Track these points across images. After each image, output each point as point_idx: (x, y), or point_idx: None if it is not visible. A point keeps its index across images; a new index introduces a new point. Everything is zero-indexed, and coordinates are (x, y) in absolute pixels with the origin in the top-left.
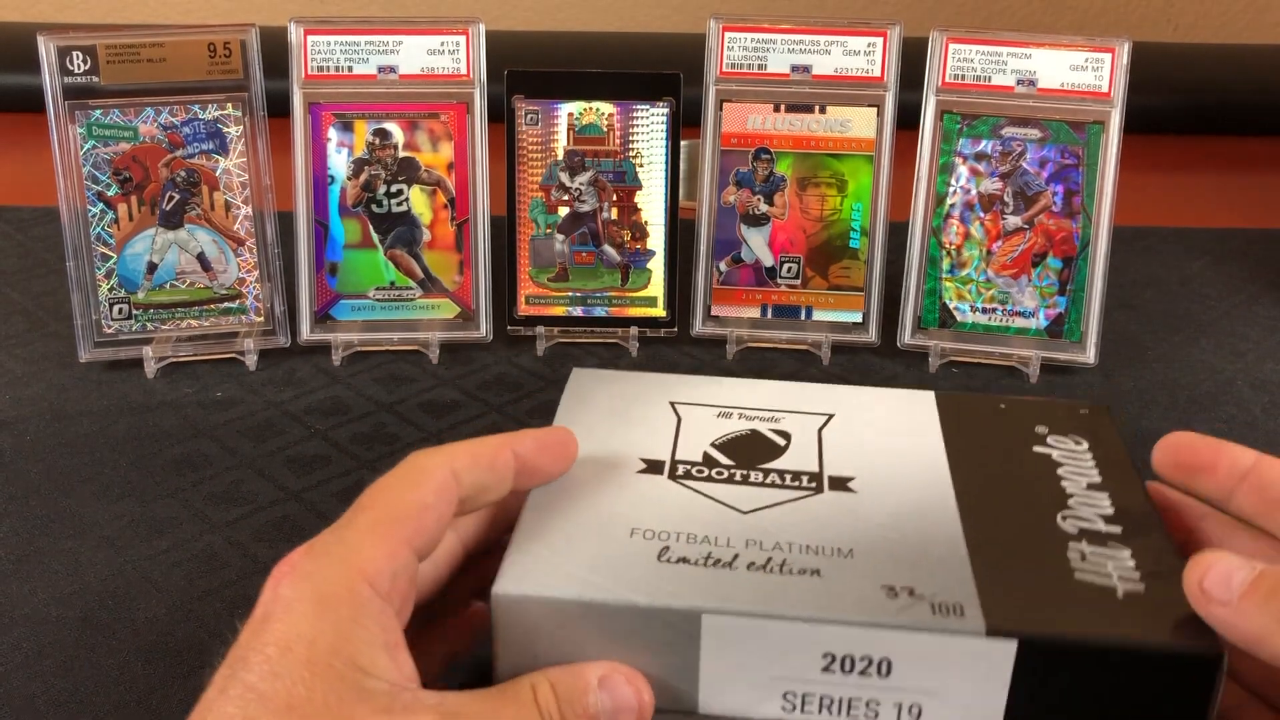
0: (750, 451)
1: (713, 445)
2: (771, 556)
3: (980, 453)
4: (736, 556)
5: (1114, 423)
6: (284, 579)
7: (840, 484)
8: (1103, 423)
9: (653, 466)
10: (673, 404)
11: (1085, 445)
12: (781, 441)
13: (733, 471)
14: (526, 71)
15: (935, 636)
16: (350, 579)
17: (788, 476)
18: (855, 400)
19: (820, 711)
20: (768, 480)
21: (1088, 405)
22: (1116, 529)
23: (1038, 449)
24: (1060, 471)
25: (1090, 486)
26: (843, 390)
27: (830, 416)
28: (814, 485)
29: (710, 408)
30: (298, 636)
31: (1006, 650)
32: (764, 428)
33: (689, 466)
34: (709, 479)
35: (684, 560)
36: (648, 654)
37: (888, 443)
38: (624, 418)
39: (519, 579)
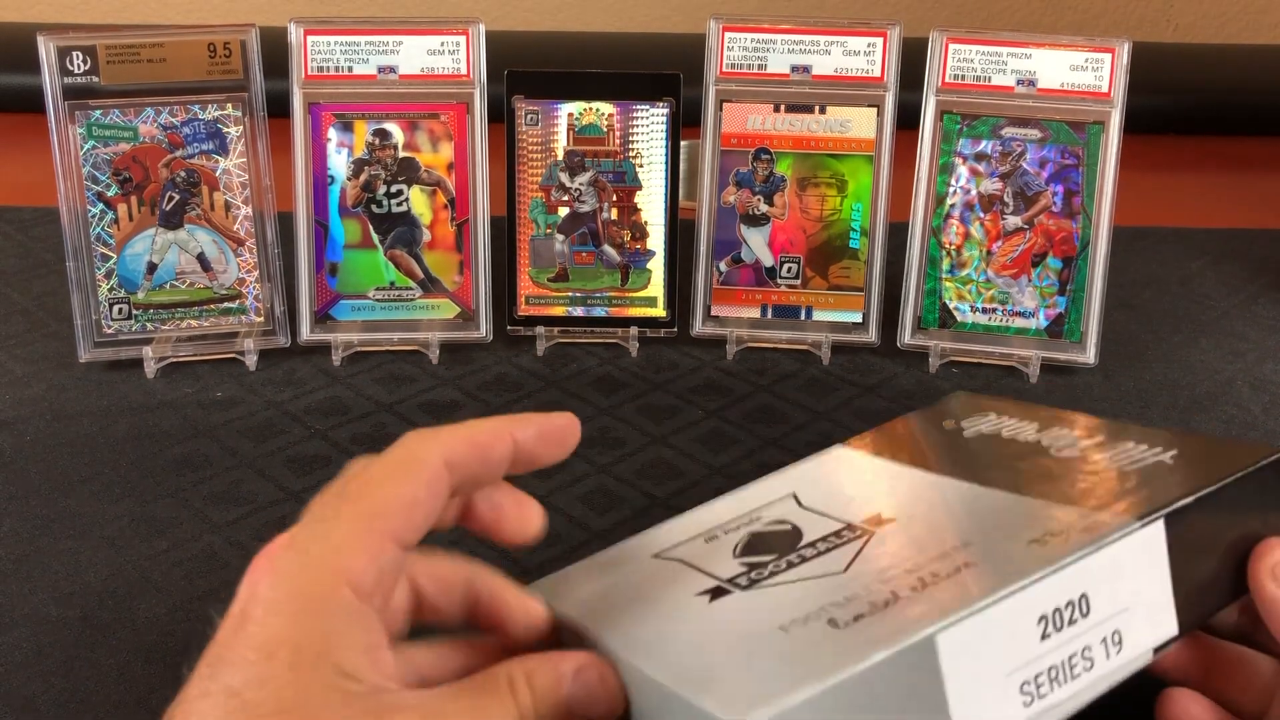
0: (771, 543)
1: (735, 557)
2: (917, 579)
3: (942, 455)
4: (893, 596)
5: (974, 393)
6: (264, 577)
7: (877, 521)
8: (971, 398)
9: (716, 592)
10: (656, 556)
11: (991, 415)
12: (786, 526)
13: (780, 560)
14: (526, 71)
15: (1112, 546)
16: (332, 582)
17: (831, 538)
18: (796, 476)
19: (1053, 688)
20: (822, 549)
21: (950, 397)
22: (1099, 438)
23: (970, 434)
24: (1007, 434)
25: (1040, 431)
26: (776, 476)
27: (794, 494)
28: (858, 533)
29: (692, 542)
30: (281, 641)
31: (1157, 531)
32: (757, 527)
33: (744, 574)
34: (773, 574)
35: (859, 617)
36: (896, 715)
37: (867, 485)
38: (628, 590)
39: (747, 705)
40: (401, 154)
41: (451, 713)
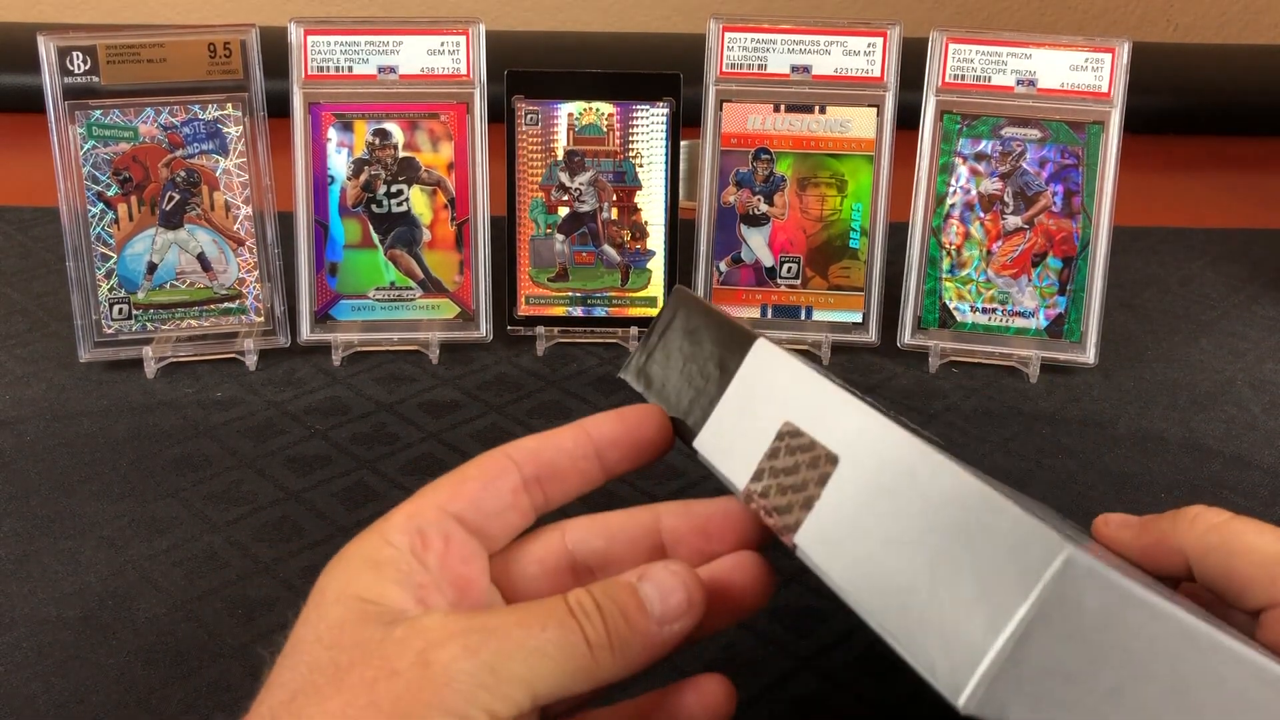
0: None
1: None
2: None
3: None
4: None
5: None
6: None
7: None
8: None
9: None
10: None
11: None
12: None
13: None
14: (526, 71)
15: None
16: (368, 539)
17: None
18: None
19: None
20: None
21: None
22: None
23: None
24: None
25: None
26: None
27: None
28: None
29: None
30: (318, 589)
31: None
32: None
33: None
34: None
35: None
36: None
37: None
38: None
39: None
40: (401, 154)
41: (498, 627)
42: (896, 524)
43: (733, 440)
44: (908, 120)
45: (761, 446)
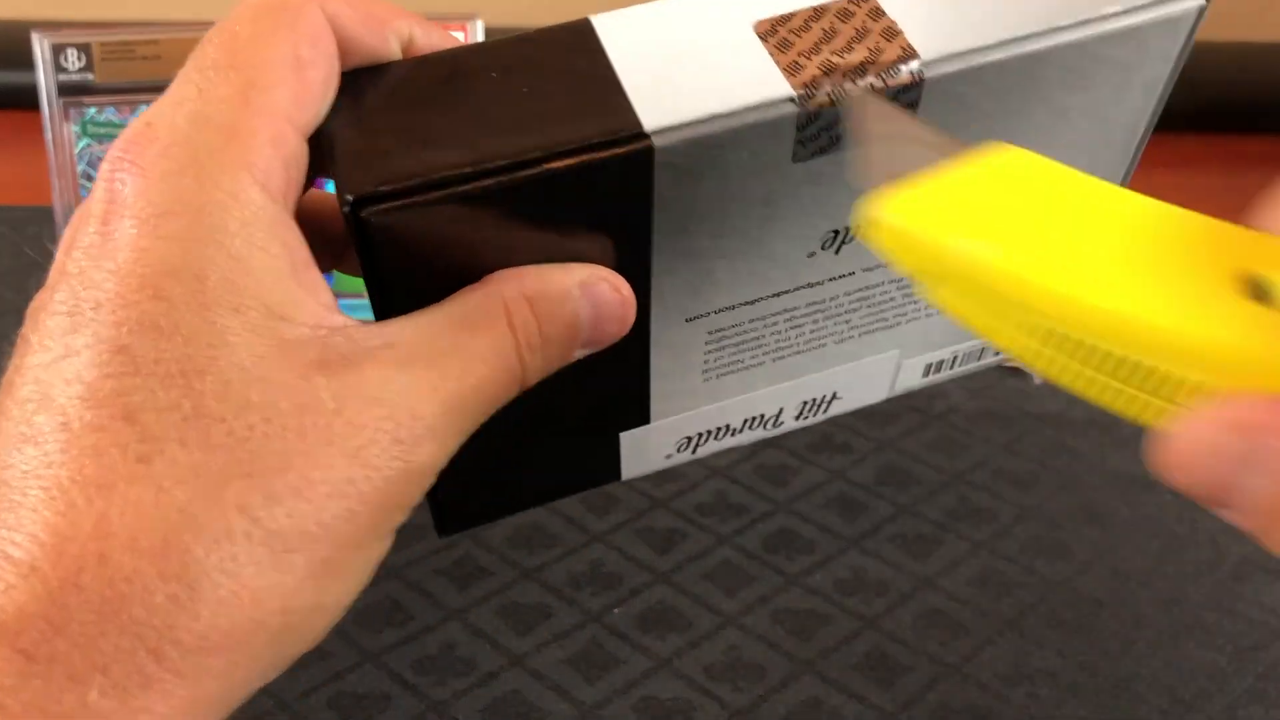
0: None
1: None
2: None
3: None
4: None
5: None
6: (129, 178)
7: None
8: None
9: None
10: None
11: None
12: None
13: None
14: None
15: None
16: (234, 181)
17: None
18: None
19: None
20: None
21: None
22: None
23: None
24: None
25: None
26: None
27: None
28: None
29: None
30: (171, 271)
31: None
32: None
33: None
34: None
35: None
36: None
37: None
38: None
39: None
40: None
41: (432, 357)
42: None
43: (689, 91)
44: None
45: (751, 60)
